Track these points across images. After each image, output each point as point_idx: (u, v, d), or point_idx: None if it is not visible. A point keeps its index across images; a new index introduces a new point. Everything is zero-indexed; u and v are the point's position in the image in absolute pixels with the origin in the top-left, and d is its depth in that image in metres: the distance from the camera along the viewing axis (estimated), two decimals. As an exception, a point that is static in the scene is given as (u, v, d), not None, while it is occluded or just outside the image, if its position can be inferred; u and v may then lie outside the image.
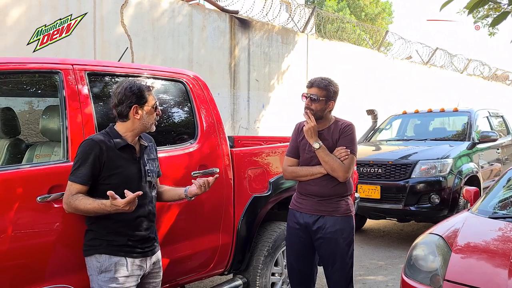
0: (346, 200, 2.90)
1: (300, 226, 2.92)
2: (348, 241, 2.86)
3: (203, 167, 3.03)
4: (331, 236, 2.83)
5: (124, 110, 2.28)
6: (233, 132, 7.49)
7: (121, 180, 2.24)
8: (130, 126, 2.31)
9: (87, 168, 2.17)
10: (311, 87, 2.87)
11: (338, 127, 2.90)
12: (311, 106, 2.84)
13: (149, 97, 2.32)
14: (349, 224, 2.88)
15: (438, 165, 5.79)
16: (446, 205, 5.68)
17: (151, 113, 2.33)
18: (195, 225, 3.00)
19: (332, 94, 2.88)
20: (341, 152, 2.82)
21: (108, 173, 2.22)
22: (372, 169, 6.07)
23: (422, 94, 13.05)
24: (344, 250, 2.85)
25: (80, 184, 2.16)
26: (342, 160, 2.81)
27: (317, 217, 2.86)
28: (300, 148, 2.97)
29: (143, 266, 2.33)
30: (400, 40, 12.31)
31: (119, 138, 2.28)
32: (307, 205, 2.90)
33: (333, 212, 2.85)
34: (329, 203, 2.85)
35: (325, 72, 9.75)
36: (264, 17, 8.29)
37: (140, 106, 2.29)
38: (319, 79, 2.88)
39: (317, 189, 2.86)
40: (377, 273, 4.93)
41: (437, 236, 3.17)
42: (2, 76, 2.60)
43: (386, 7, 28.69)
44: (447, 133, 7.33)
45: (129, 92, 2.27)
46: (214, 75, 7.31)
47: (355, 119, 9.58)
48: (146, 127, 2.34)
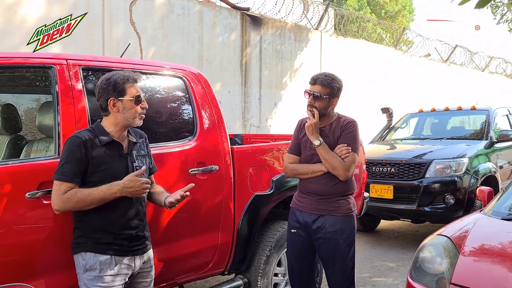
0: (347, 200, 2.81)
1: (300, 225, 2.85)
2: (348, 242, 2.77)
3: (201, 165, 2.97)
4: (331, 236, 2.75)
5: (103, 103, 2.22)
6: (244, 130, 7.43)
7: (107, 177, 2.17)
8: (113, 121, 2.23)
9: (73, 165, 2.11)
10: (315, 84, 2.76)
11: (340, 124, 2.80)
12: (314, 104, 2.74)
13: (129, 89, 2.21)
14: (350, 224, 2.79)
15: (453, 164, 5.63)
16: (461, 205, 5.52)
17: (131, 106, 2.21)
18: (193, 223, 2.94)
19: (335, 91, 2.77)
20: (342, 150, 2.72)
21: (93, 170, 2.15)
22: (385, 168, 5.94)
23: (441, 92, 12.76)
24: (344, 251, 2.76)
25: (68, 182, 2.10)
26: (343, 158, 2.71)
27: (316, 216, 2.78)
28: (301, 145, 2.90)
29: (131, 265, 2.26)
30: (418, 37, 12.05)
31: (104, 135, 2.21)
32: (307, 204, 2.83)
33: (333, 212, 2.77)
34: (329, 202, 2.77)
35: (340, 70, 9.62)
36: (276, 14, 8.19)
37: (117, 98, 2.20)
38: (323, 76, 2.77)
39: (317, 187, 2.78)
40: (388, 275, 4.80)
41: (445, 237, 3.05)
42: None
43: (406, 4, 28.23)
44: (464, 132, 7.14)
45: (105, 84, 2.20)
46: (224, 73, 7.26)
47: (369, 118, 9.43)
48: (128, 120, 2.22)
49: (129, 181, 2.16)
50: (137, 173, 2.21)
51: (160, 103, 2.99)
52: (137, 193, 2.18)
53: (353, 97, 9.25)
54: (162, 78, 3.04)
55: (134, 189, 2.16)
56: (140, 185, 2.17)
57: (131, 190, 2.16)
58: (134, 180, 2.16)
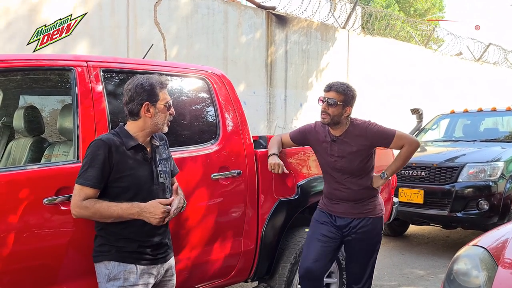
0: (378, 200, 2.96)
1: (332, 223, 2.93)
2: (377, 240, 2.96)
3: (224, 169, 2.88)
4: (362, 236, 2.88)
5: (135, 108, 2.15)
6: (269, 131, 7.33)
7: (132, 182, 2.12)
8: (141, 125, 2.18)
9: (97, 170, 2.05)
10: (329, 91, 2.82)
11: (358, 130, 2.85)
12: (328, 110, 2.79)
13: (161, 94, 2.19)
14: (380, 224, 2.96)
15: (487, 168, 5.39)
16: (496, 212, 5.27)
17: (163, 111, 2.19)
18: (215, 229, 2.85)
19: (350, 99, 2.82)
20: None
21: (118, 175, 2.09)
22: (415, 172, 5.73)
23: (473, 92, 12.35)
24: (372, 248, 2.94)
25: (91, 188, 2.04)
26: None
27: (351, 219, 2.89)
28: (319, 150, 2.97)
29: (154, 273, 2.20)
30: (449, 35, 11.70)
31: (129, 138, 2.15)
32: (340, 209, 2.91)
33: (368, 214, 2.90)
34: (362, 205, 2.89)
35: (368, 69, 9.40)
36: (302, 13, 8.05)
37: (151, 103, 2.16)
38: (338, 83, 2.83)
39: (349, 195, 2.88)
40: (417, 283, 4.61)
41: (481, 248, 2.85)
42: (14, 73, 2.55)
43: (436, 1, 27.60)
44: (499, 134, 6.85)
45: (140, 89, 2.14)
46: (249, 73, 7.17)
47: (399, 119, 9.17)
48: (158, 126, 2.20)
49: (150, 206, 2.08)
50: (164, 201, 2.12)
51: (182, 106, 2.91)
52: (155, 220, 2.09)
53: (382, 98, 9.03)
54: (184, 80, 2.96)
55: (152, 215, 2.07)
56: (160, 213, 2.08)
57: (149, 216, 2.08)
58: (155, 207, 2.08)
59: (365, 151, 2.85)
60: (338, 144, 2.87)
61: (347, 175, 2.86)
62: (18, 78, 2.89)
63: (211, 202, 2.78)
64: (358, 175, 2.86)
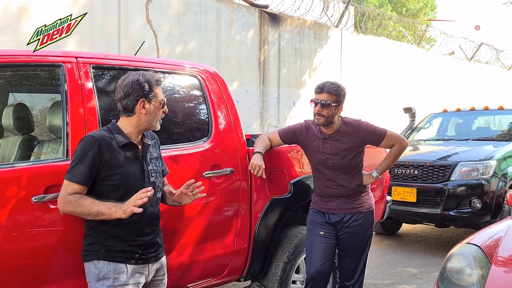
0: (368, 194, 3.03)
1: (326, 222, 2.97)
2: (368, 234, 3.01)
3: (216, 167, 2.85)
4: (355, 230, 2.93)
5: (130, 103, 2.12)
6: (262, 130, 7.31)
7: (122, 180, 2.08)
8: (135, 122, 2.14)
9: (86, 167, 2.01)
10: (321, 93, 2.82)
11: (351, 128, 2.90)
12: (322, 112, 2.80)
13: (157, 91, 2.16)
14: (371, 218, 3.03)
15: (480, 167, 5.40)
16: (488, 210, 5.28)
17: (158, 109, 2.17)
18: (208, 228, 2.82)
19: (342, 98, 2.86)
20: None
21: (108, 173, 2.06)
22: (407, 171, 5.74)
23: (465, 91, 12.42)
24: (364, 242, 2.99)
25: (78, 184, 2.00)
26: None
27: (344, 215, 2.94)
28: (310, 149, 2.98)
29: (145, 273, 2.17)
30: (442, 35, 11.74)
31: (121, 135, 2.12)
32: (334, 205, 2.95)
33: (359, 208, 2.95)
34: (354, 200, 2.95)
35: (361, 68, 9.41)
36: (295, 11, 8.04)
37: (147, 100, 2.13)
38: (329, 84, 2.84)
39: (341, 191, 2.93)
40: (410, 282, 4.61)
41: (475, 246, 2.86)
42: (2, 70, 2.50)
43: (428, 2, 27.70)
44: (491, 132, 6.90)
45: (136, 85, 2.11)
46: (242, 71, 7.15)
47: (391, 118, 9.20)
48: (151, 124, 2.17)
49: (127, 201, 2.00)
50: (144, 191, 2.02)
51: (174, 103, 2.87)
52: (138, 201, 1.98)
53: (374, 96, 9.03)
54: (176, 77, 2.93)
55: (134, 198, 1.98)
56: (141, 192, 1.99)
57: (132, 201, 1.98)
58: (136, 195, 2.00)
59: (357, 149, 2.91)
60: (330, 142, 2.89)
61: (338, 172, 2.90)
62: (7, 74, 2.84)
63: (204, 200, 2.75)
64: (349, 172, 2.92)
